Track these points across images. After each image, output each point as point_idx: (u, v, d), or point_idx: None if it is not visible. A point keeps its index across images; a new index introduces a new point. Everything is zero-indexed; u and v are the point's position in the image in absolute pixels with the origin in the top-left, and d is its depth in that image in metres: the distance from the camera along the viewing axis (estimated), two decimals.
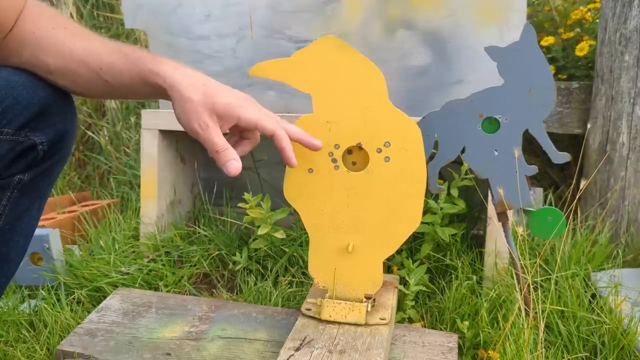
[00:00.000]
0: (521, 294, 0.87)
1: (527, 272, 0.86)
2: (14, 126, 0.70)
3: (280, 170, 1.36)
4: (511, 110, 0.85)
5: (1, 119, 0.69)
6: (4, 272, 0.79)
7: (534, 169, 0.88)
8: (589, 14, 1.53)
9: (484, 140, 0.87)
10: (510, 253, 0.92)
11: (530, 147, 0.89)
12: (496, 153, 0.86)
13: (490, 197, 0.90)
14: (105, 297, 1.07)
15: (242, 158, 0.71)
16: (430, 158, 0.87)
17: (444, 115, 0.87)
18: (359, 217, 0.84)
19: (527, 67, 0.83)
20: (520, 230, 0.83)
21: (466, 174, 1.13)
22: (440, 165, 0.88)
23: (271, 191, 1.40)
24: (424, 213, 1.09)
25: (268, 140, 0.74)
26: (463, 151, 0.88)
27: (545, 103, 0.84)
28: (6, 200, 0.74)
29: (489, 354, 0.88)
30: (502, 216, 0.91)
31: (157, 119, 1.29)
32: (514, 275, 0.93)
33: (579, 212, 1.36)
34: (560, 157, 0.85)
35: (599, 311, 0.97)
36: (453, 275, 1.09)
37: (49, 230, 1.17)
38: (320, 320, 0.85)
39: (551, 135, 1.48)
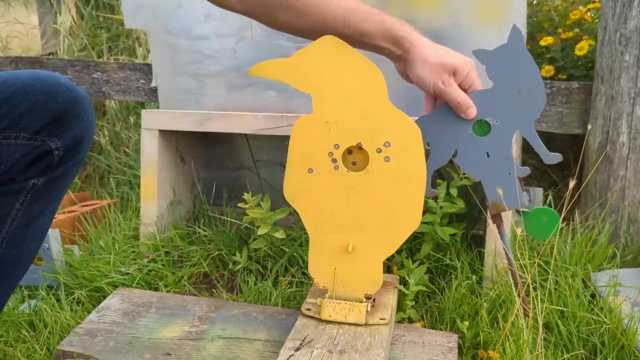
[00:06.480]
0: (518, 297, 0.87)
1: (527, 272, 0.86)
2: (30, 131, 0.70)
3: (280, 170, 1.36)
4: (501, 112, 0.85)
5: (17, 123, 0.69)
6: (14, 275, 0.79)
7: (526, 170, 0.88)
8: (588, 14, 1.53)
9: (475, 143, 0.87)
10: (506, 255, 0.92)
11: (529, 146, 0.89)
12: (488, 155, 0.87)
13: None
14: (105, 297, 1.07)
15: (242, 158, 0.72)
16: None
17: (436, 119, 0.86)
18: (359, 217, 0.84)
19: (516, 69, 0.83)
20: (519, 230, 0.83)
21: (465, 173, 1.13)
22: (433, 170, 0.88)
23: (271, 191, 1.40)
24: (424, 213, 1.09)
25: (268, 141, 0.74)
26: (455, 155, 0.88)
27: (535, 104, 0.84)
28: (19, 204, 0.74)
29: (489, 354, 0.88)
30: (496, 218, 0.91)
31: (157, 119, 1.29)
32: (511, 278, 0.93)
33: (577, 212, 1.36)
34: (551, 157, 0.85)
35: (598, 311, 0.97)
36: (453, 275, 1.09)
37: (49, 230, 1.16)
38: (320, 320, 0.85)
39: (551, 135, 1.48)
